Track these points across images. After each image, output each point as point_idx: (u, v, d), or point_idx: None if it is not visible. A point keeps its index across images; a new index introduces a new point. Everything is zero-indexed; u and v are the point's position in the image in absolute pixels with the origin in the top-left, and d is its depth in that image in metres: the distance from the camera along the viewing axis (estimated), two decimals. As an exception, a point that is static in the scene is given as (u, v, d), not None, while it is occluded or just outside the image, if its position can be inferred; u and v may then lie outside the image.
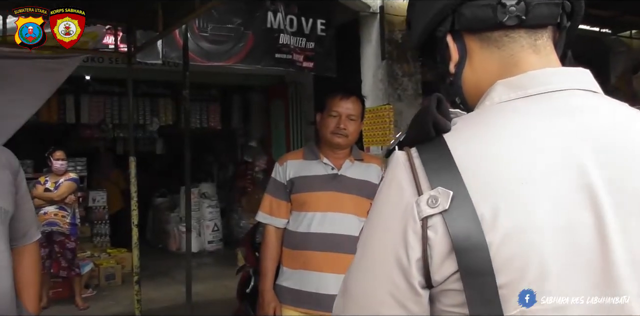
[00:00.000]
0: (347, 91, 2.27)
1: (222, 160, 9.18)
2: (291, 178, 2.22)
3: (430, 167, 0.65)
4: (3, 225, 1.65)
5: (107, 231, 7.09)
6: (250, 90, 7.94)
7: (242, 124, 8.20)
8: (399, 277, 0.65)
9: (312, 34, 5.55)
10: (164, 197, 8.67)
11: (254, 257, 3.00)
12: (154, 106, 7.59)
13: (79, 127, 7.39)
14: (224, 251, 7.69)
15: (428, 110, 0.68)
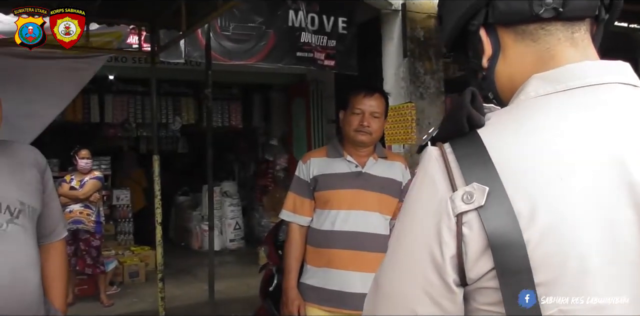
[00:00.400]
0: (370, 88, 2.25)
1: (243, 158, 9.22)
2: (315, 176, 2.21)
3: (465, 163, 0.64)
4: (31, 223, 1.68)
5: (131, 229, 7.17)
6: (271, 88, 7.96)
7: (263, 123, 8.22)
8: (433, 274, 0.63)
9: (333, 32, 5.53)
10: (186, 196, 8.74)
11: (277, 255, 3.00)
12: (177, 105, 7.65)
13: (102, 126, 7.48)
14: (246, 249, 7.73)
15: (462, 105, 0.66)
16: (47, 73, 3.62)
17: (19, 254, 1.61)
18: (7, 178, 1.63)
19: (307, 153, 2.37)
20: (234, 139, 9.34)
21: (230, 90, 7.86)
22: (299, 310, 2.16)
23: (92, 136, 8.11)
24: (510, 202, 0.60)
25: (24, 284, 1.61)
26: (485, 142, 0.64)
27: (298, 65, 5.44)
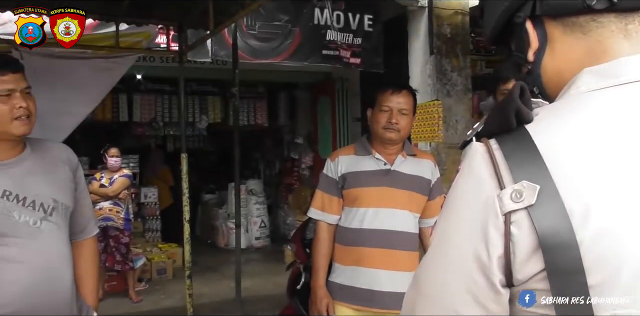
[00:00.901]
0: (398, 85, 2.23)
1: (269, 157, 9.26)
2: (343, 174, 2.20)
3: (514, 160, 0.62)
4: (64, 220, 1.70)
5: (159, 226, 7.27)
6: (297, 87, 7.97)
7: (289, 121, 8.24)
8: (479, 274, 0.62)
9: (359, 30, 5.51)
10: (212, 194, 8.81)
11: (305, 253, 3.00)
12: (203, 104, 7.71)
13: (131, 125, 7.59)
14: (271, 247, 7.76)
15: (510, 99, 0.64)
16: (78, 73, 3.68)
17: (53, 251, 1.64)
18: (41, 177, 1.66)
19: (335, 151, 2.36)
20: (259, 137, 9.39)
21: (256, 88, 7.90)
22: (327, 309, 2.15)
23: (120, 135, 8.25)
24: (562, 201, 0.58)
25: (58, 280, 1.64)
26: (535, 138, 0.62)
27: (324, 63, 5.44)
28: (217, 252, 7.55)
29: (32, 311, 1.56)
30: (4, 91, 1.55)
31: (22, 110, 1.57)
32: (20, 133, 1.58)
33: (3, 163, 1.59)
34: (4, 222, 1.54)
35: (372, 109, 2.23)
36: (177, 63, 4.09)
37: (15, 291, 1.54)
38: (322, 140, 7.47)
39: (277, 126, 8.52)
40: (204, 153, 9.58)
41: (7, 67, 1.57)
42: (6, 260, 1.53)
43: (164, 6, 3.61)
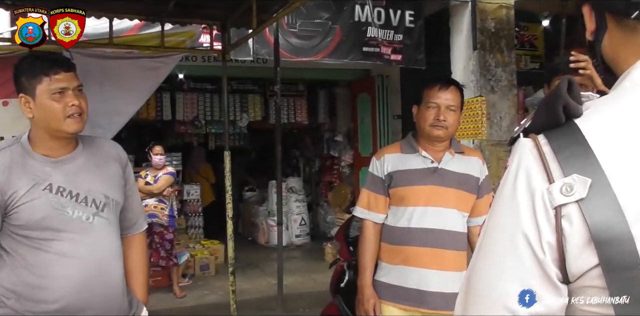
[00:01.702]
0: (445, 81, 2.19)
1: (308, 154, 9.28)
2: (389, 173, 2.17)
3: (563, 154, 0.61)
4: (115, 216, 1.74)
5: (201, 223, 7.39)
6: (336, 84, 7.96)
7: (328, 119, 8.23)
8: (534, 269, 0.61)
9: (400, 26, 5.45)
10: (253, 191, 8.89)
11: (348, 251, 2.98)
12: (244, 102, 7.79)
13: (174, 123, 7.73)
14: (311, 245, 7.78)
15: (558, 94, 0.64)
16: (125, 72, 3.76)
17: (105, 246, 1.67)
18: (93, 173, 1.69)
19: (381, 150, 2.33)
20: (299, 135, 9.42)
21: (296, 86, 7.92)
22: (374, 308, 2.13)
23: (163, 133, 8.42)
24: (615, 195, 0.57)
25: (110, 275, 1.67)
26: (585, 132, 0.62)
27: (364, 61, 5.40)
28: (258, 249, 7.62)
29: (85, 305, 1.60)
30: (57, 89, 1.59)
31: (75, 108, 1.60)
32: (73, 130, 1.61)
33: (57, 160, 1.63)
34: (58, 218, 1.57)
35: (418, 106, 2.19)
36: (220, 62, 4.14)
37: (69, 285, 1.57)
38: (362, 138, 7.43)
39: (317, 124, 8.53)
40: (244, 152, 9.68)
41: (60, 66, 1.61)
42: (61, 255, 1.57)
43: (208, 6, 3.65)
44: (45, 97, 1.58)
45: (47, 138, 1.62)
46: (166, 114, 7.29)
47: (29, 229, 1.55)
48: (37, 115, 1.60)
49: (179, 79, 6.84)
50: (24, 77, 1.60)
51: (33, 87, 1.58)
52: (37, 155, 1.61)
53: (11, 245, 1.57)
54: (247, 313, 4.56)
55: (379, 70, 7.02)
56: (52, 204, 1.56)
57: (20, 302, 1.56)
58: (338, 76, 7.47)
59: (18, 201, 1.53)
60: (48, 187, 1.57)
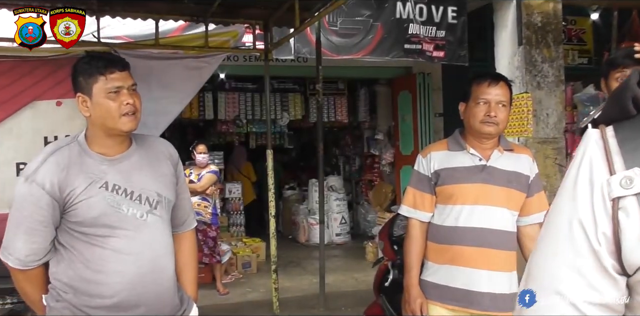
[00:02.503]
0: (495, 76, 2.13)
1: (348, 153, 9.26)
2: (436, 170, 2.13)
3: (627, 147, 0.61)
4: (167, 213, 1.76)
5: (242, 221, 7.47)
6: (377, 82, 7.91)
7: (369, 117, 8.19)
8: (588, 258, 0.61)
9: (442, 22, 5.37)
10: (293, 190, 8.94)
11: (392, 251, 2.96)
12: (284, 101, 7.83)
13: (216, 123, 7.84)
14: (352, 243, 7.76)
15: (627, 86, 0.63)
16: (170, 72, 3.83)
17: (158, 243, 1.70)
18: (146, 171, 1.72)
19: (427, 147, 2.30)
20: (339, 134, 9.41)
21: (336, 85, 7.92)
22: (421, 308, 2.10)
23: (206, 132, 8.55)
24: None
25: (162, 271, 1.70)
26: None
27: (406, 58, 5.34)
28: (298, 247, 7.65)
29: (138, 300, 1.63)
30: (113, 88, 1.62)
31: (129, 106, 1.63)
32: (128, 129, 1.64)
33: (112, 159, 1.67)
34: (113, 215, 1.61)
35: (466, 103, 2.14)
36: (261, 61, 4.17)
37: (124, 281, 1.61)
38: (403, 136, 7.36)
39: (357, 122, 8.50)
40: (284, 150, 9.74)
41: (115, 66, 1.64)
42: (116, 251, 1.61)
43: (251, 5, 3.69)
44: (101, 95, 1.62)
45: (103, 136, 1.66)
46: (208, 114, 7.40)
47: (86, 226, 1.59)
48: (93, 113, 1.64)
49: (220, 78, 6.93)
50: (82, 77, 1.64)
51: (90, 86, 1.62)
52: (94, 153, 1.65)
53: (69, 241, 1.62)
54: (289, 311, 4.58)
55: (421, 67, 6.94)
56: (108, 202, 1.60)
57: (77, 296, 1.60)
58: (379, 74, 7.42)
59: (76, 198, 1.57)
60: (104, 185, 1.61)
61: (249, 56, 6.16)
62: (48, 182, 1.56)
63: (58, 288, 1.63)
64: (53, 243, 1.63)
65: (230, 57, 6.16)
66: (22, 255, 1.59)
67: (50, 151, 1.63)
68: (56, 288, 1.63)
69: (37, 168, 1.58)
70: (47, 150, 1.64)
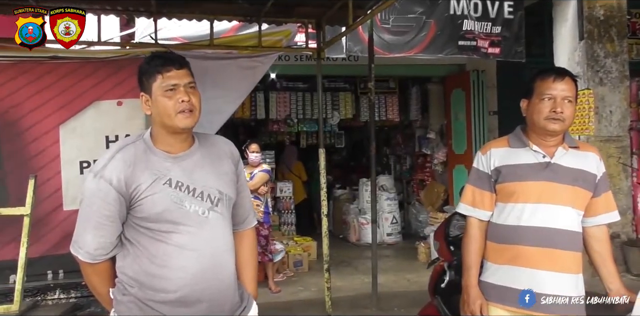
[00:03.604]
0: (560, 71, 2.04)
1: (399, 152, 9.17)
2: (496, 167, 2.06)
3: None
4: (228, 211, 1.77)
5: (293, 220, 7.50)
6: (429, 80, 7.79)
7: (420, 116, 8.07)
8: None
9: (498, 18, 5.23)
10: (344, 189, 8.92)
11: (449, 251, 2.89)
12: (335, 100, 7.82)
13: (267, 122, 7.91)
14: (403, 243, 7.67)
15: None
16: (224, 72, 3.89)
17: (219, 240, 1.71)
18: (208, 169, 1.73)
19: (487, 144, 2.22)
20: (390, 132, 9.33)
21: (387, 83, 7.85)
22: (481, 310, 2.03)
23: (257, 131, 8.65)
24: None
25: (224, 268, 1.71)
26: None
27: (460, 55, 5.25)
28: (349, 247, 7.62)
29: (201, 296, 1.65)
30: (169, 86, 1.64)
31: (185, 104, 1.65)
32: (184, 125, 1.66)
33: (176, 156, 1.69)
34: (177, 211, 1.63)
35: (528, 99, 2.06)
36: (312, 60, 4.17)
37: (187, 276, 1.63)
38: (456, 135, 7.22)
39: (409, 121, 8.40)
40: (334, 149, 9.73)
41: (172, 64, 1.67)
42: (179, 247, 1.63)
43: (304, 4, 3.69)
44: (159, 93, 1.65)
45: (165, 133, 1.69)
46: (260, 113, 7.48)
47: (151, 221, 1.62)
48: (154, 112, 1.67)
49: (271, 78, 6.99)
50: (144, 76, 1.68)
51: (150, 85, 1.66)
52: (158, 151, 1.68)
53: (134, 236, 1.65)
54: (341, 310, 4.56)
55: (474, 64, 6.78)
56: (172, 198, 1.62)
57: (142, 290, 1.63)
58: (431, 72, 7.31)
59: (141, 194, 1.60)
60: (168, 182, 1.64)
61: (299, 55, 6.19)
62: (115, 178, 1.59)
63: (124, 282, 1.66)
64: (120, 238, 1.67)
65: (281, 57, 6.21)
66: (91, 248, 1.64)
67: (118, 148, 1.67)
68: (122, 282, 1.67)
69: (105, 165, 1.62)
70: (114, 148, 1.69)
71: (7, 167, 3.74)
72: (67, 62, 3.62)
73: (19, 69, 3.67)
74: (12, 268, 3.34)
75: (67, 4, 3.59)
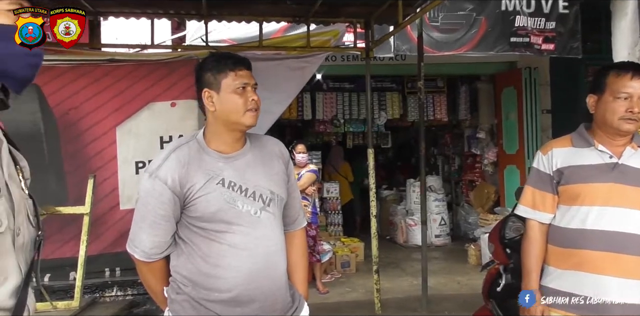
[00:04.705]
0: (636, 67, 1.92)
1: (447, 152, 9.01)
2: (559, 168, 1.98)
3: None
4: (279, 211, 1.77)
5: (340, 221, 7.48)
6: (478, 78, 7.62)
7: (469, 115, 7.90)
8: None
9: (552, 13, 5.06)
10: (390, 190, 8.83)
11: (505, 254, 2.80)
12: (382, 100, 7.77)
13: (313, 123, 7.92)
14: (452, 245, 7.54)
15: None
16: (273, 73, 3.91)
17: (271, 240, 1.71)
18: (259, 169, 1.74)
19: (548, 144, 2.13)
20: (438, 132, 9.18)
21: (435, 82, 7.72)
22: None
23: (304, 132, 8.67)
24: None
25: (276, 268, 1.71)
26: None
27: (512, 52, 5.11)
28: (397, 248, 7.54)
29: (253, 296, 1.65)
30: (241, 84, 1.67)
31: (254, 102, 1.69)
32: (250, 123, 1.69)
33: (229, 156, 1.71)
34: (230, 211, 1.64)
35: (598, 95, 1.95)
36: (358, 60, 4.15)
37: (240, 276, 1.63)
38: (507, 134, 7.03)
39: (457, 120, 8.24)
40: (381, 150, 9.66)
41: (243, 64, 1.71)
42: (232, 246, 1.64)
43: (353, 3, 3.67)
44: (229, 90, 1.68)
45: (224, 132, 1.70)
46: (306, 114, 7.50)
47: (204, 221, 1.64)
48: (219, 108, 1.69)
49: (317, 79, 6.99)
50: (210, 73, 1.70)
51: (218, 81, 1.69)
52: (211, 151, 1.70)
53: (188, 236, 1.67)
54: (390, 312, 4.51)
55: (526, 61, 6.59)
56: (225, 198, 1.64)
57: (196, 290, 1.65)
58: (480, 70, 7.15)
59: (195, 194, 1.62)
60: (221, 182, 1.65)
61: (346, 56, 6.17)
62: (170, 178, 1.61)
63: (178, 281, 1.68)
64: (174, 237, 1.69)
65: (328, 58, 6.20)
66: (147, 247, 1.66)
67: (172, 148, 1.70)
68: (176, 281, 1.69)
69: (160, 165, 1.65)
70: (169, 148, 1.71)
71: (67, 167, 3.88)
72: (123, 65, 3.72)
73: (78, 71, 3.80)
74: (71, 265, 3.46)
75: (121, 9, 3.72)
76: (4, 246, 1.04)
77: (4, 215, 1.03)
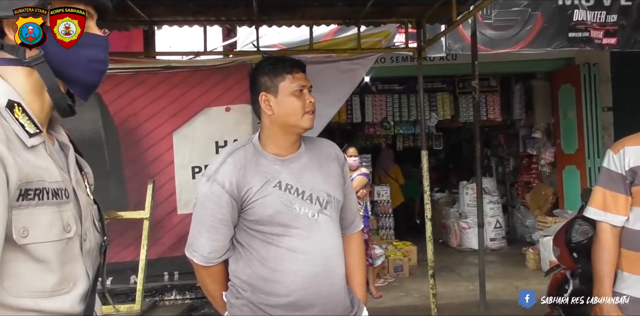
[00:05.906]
0: None
1: (501, 153, 8.76)
2: (632, 168, 1.87)
3: None
4: (336, 214, 1.75)
5: (391, 224, 7.39)
6: (534, 76, 7.38)
7: (524, 114, 7.66)
8: None
9: (613, 6, 4.84)
10: (442, 192, 8.67)
11: (572, 258, 2.68)
12: (432, 101, 7.64)
13: (363, 125, 7.88)
14: (508, 249, 7.31)
15: None
16: (324, 76, 3.90)
17: (329, 243, 1.68)
18: (316, 172, 1.72)
19: (619, 142, 2.02)
20: (491, 133, 8.94)
21: (488, 81, 7.53)
22: (617, 324, 1.85)
23: (353, 135, 8.63)
24: None
25: (335, 271, 1.68)
26: None
27: (571, 48, 4.92)
28: (450, 252, 7.38)
29: (313, 300, 1.63)
30: (298, 87, 1.67)
31: (311, 105, 1.68)
32: (307, 126, 1.68)
33: (285, 159, 1.70)
34: (287, 214, 1.63)
35: None
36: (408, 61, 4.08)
37: (298, 280, 1.61)
38: (565, 134, 6.78)
39: (511, 120, 8.01)
40: (432, 151, 9.49)
41: (300, 67, 1.71)
42: (290, 250, 1.62)
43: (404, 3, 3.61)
44: (287, 93, 1.67)
45: (280, 135, 1.70)
46: (356, 117, 7.46)
47: (262, 224, 1.63)
48: (277, 111, 1.68)
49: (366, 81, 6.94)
50: (267, 76, 1.70)
51: (276, 84, 1.68)
52: (267, 154, 1.70)
53: (246, 240, 1.67)
54: (447, 317, 4.41)
55: (585, 57, 6.33)
56: (282, 201, 1.63)
57: (255, 294, 1.64)
58: (536, 67, 6.92)
59: (252, 197, 1.62)
60: (278, 184, 1.64)
61: (396, 57, 6.09)
62: (227, 182, 1.61)
63: (237, 286, 1.68)
64: (232, 241, 1.69)
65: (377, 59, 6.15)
66: (206, 252, 1.67)
67: (229, 152, 1.70)
68: (235, 286, 1.69)
69: (217, 169, 1.65)
70: (225, 152, 1.72)
71: (127, 173, 3.99)
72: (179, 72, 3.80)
73: (136, 79, 3.91)
74: (132, 269, 3.55)
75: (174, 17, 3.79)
76: (73, 252, 1.05)
77: (72, 221, 1.05)
